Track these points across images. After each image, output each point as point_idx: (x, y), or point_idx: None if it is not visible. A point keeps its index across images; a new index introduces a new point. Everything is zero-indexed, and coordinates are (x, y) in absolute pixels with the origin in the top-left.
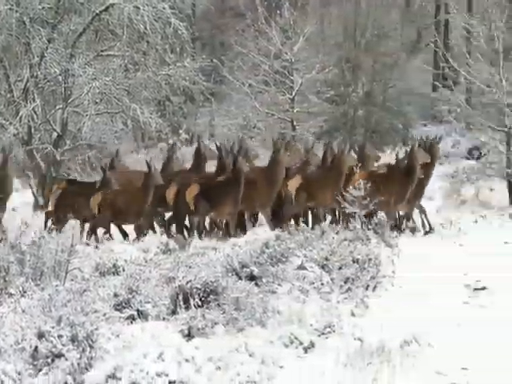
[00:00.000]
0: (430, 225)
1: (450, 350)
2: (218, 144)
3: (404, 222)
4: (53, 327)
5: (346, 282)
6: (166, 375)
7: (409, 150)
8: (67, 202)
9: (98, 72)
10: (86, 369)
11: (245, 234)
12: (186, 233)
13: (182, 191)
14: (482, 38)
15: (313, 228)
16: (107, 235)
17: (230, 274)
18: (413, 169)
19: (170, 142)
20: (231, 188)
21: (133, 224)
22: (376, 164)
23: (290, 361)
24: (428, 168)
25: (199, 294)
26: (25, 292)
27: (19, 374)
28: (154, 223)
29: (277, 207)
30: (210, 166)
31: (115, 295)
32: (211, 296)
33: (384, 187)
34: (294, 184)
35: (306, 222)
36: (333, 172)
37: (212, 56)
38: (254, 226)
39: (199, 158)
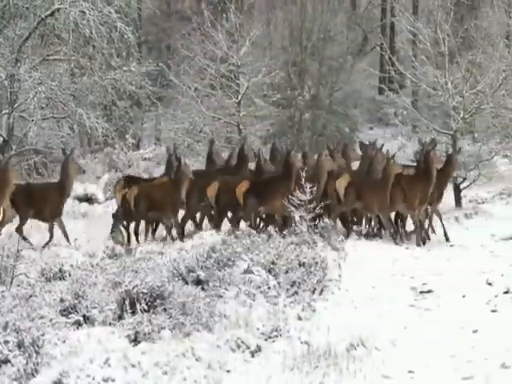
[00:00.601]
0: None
1: (397, 353)
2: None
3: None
4: None
5: (292, 286)
6: (113, 380)
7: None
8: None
9: (44, 77)
10: (33, 375)
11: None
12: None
13: (225, 188)
14: (427, 41)
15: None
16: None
17: (176, 279)
18: (430, 172)
19: (117, 146)
20: (282, 183)
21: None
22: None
23: (237, 365)
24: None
25: (145, 299)
26: None
27: None
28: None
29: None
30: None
31: (61, 300)
32: (158, 301)
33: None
34: (342, 183)
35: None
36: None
37: (158, 60)
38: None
39: (241, 158)
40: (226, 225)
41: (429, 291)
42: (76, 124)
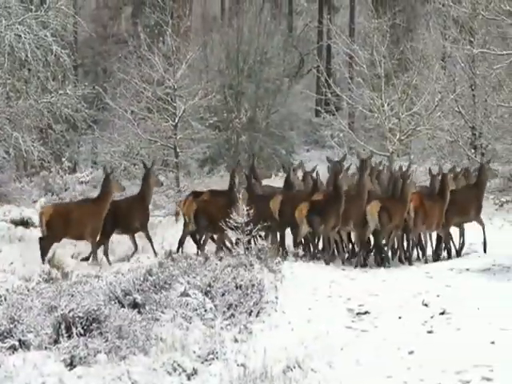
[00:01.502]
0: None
1: (333, 374)
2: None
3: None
4: None
5: (229, 308)
6: None
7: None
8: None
9: None
10: None
11: None
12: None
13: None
14: (363, 63)
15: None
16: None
17: (112, 302)
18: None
19: (53, 170)
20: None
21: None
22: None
23: None
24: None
25: (82, 323)
26: None
27: None
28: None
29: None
30: None
31: None
32: (94, 324)
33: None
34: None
35: None
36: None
37: (94, 83)
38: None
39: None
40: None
41: (365, 312)
42: (12, 147)
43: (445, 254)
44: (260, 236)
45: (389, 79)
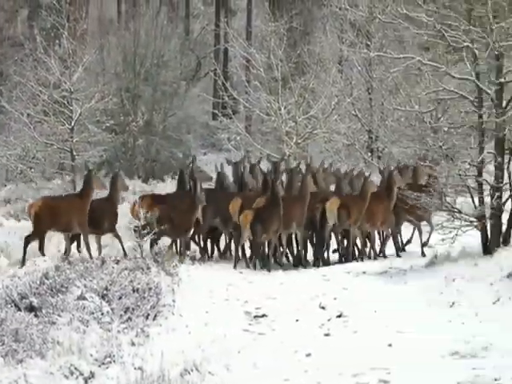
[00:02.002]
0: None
1: (231, 377)
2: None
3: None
4: None
5: (126, 312)
6: None
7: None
8: None
9: None
10: None
11: None
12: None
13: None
14: (260, 67)
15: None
16: None
17: (9, 306)
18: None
19: None
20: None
21: None
22: None
23: None
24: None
25: None
26: None
27: None
28: None
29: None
30: None
31: None
32: None
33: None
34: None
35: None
36: None
37: None
38: None
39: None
40: None
41: (263, 315)
42: None
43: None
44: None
45: (286, 82)
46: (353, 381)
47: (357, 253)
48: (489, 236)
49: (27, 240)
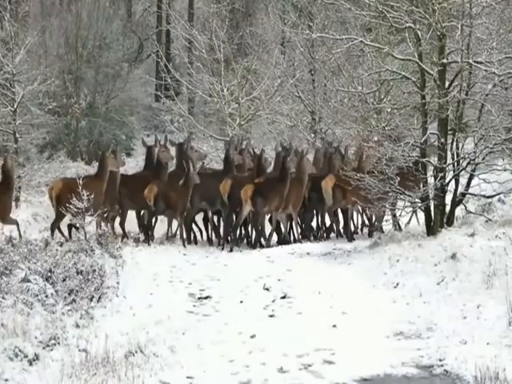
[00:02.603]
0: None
1: (175, 359)
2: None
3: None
4: None
5: (70, 294)
6: None
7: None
8: None
9: None
10: None
11: None
12: None
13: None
14: (203, 48)
15: None
16: None
17: None
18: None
19: None
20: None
21: None
22: None
23: (15, 374)
24: None
25: None
26: None
27: None
28: None
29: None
30: None
31: None
32: None
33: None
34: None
35: None
36: None
37: None
38: None
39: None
40: None
41: (207, 297)
42: None
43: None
44: None
45: (228, 64)
46: (297, 361)
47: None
48: (432, 217)
49: (53, 228)
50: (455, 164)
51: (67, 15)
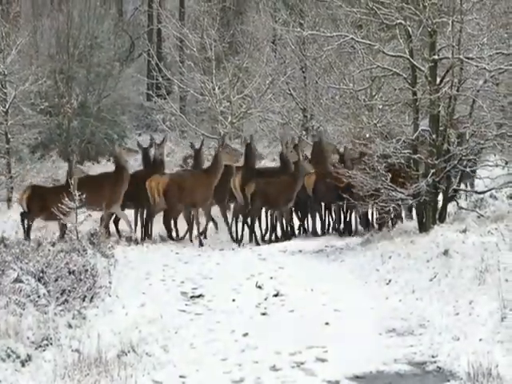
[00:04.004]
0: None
1: (168, 358)
2: None
3: None
4: None
5: (62, 294)
6: None
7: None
8: None
9: None
10: None
11: None
12: None
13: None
14: (194, 47)
15: None
16: None
17: None
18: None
19: None
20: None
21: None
22: None
23: (7, 375)
24: None
25: None
26: None
27: None
28: None
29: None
30: None
31: None
32: None
33: None
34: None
35: None
36: None
37: None
38: None
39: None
40: None
41: (199, 296)
42: None
43: None
44: None
45: (219, 62)
46: (290, 359)
47: None
48: (424, 213)
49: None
50: (446, 160)
51: (58, 15)
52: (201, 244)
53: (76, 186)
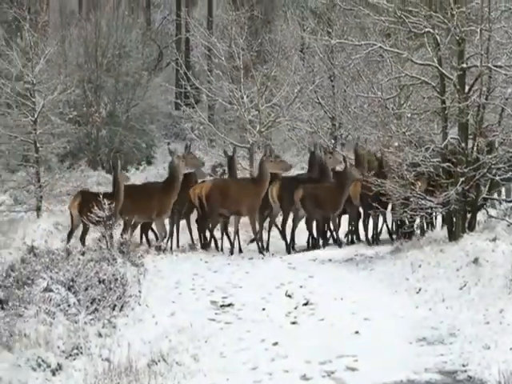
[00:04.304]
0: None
1: (198, 367)
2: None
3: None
4: None
5: (92, 303)
6: None
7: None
8: None
9: None
10: None
11: None
12: None
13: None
14: (222, 56)
15: None
16: None
17: None
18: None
19: None
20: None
21: None
22: None
23: None
24: None
25: None
26: None
27: None
28: None
29: None
30: None
31: None
32: None
33: None
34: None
35: None
36: None
37: None
38: None
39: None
40: None
41: (229, 305)
42: None
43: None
44: None
45: (248, 71)
46: (320, 368)
47: None
48: (454, 222)
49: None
50: (476, 169)
51: (86, 24)
52: (262, 251)
53: (123, 194)
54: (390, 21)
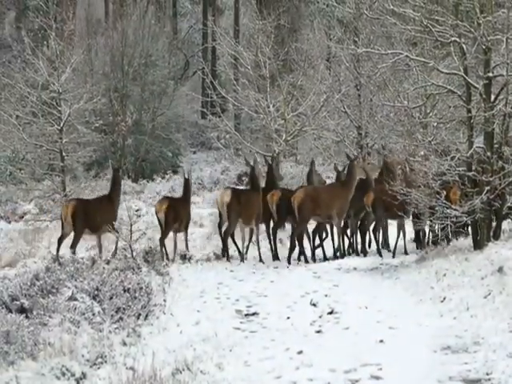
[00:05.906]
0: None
1: (223, 376)
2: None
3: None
4: None
5: (117, 312)
6: None
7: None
8: None
9: None
10: None
11: None
12: None
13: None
14: (248, 65)
15: None
16: None
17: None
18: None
19: None
20: None
21: None
22: None
23: None
24: None
25: None
26: None
27: None
28: None
29: None
30: None
31: None
32: None
33: None
34: None
35: None
36: None
37: None
38: None
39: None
40: None
41: (254, 313)
42: None
43: None
44: None
45: (274, 80)
46: (345, 377)
47: None
48: (479, 231)
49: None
50: (501, 178)
51: (113, 33)
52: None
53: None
54: (417, 30)
